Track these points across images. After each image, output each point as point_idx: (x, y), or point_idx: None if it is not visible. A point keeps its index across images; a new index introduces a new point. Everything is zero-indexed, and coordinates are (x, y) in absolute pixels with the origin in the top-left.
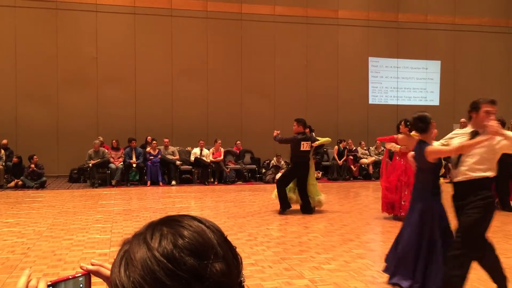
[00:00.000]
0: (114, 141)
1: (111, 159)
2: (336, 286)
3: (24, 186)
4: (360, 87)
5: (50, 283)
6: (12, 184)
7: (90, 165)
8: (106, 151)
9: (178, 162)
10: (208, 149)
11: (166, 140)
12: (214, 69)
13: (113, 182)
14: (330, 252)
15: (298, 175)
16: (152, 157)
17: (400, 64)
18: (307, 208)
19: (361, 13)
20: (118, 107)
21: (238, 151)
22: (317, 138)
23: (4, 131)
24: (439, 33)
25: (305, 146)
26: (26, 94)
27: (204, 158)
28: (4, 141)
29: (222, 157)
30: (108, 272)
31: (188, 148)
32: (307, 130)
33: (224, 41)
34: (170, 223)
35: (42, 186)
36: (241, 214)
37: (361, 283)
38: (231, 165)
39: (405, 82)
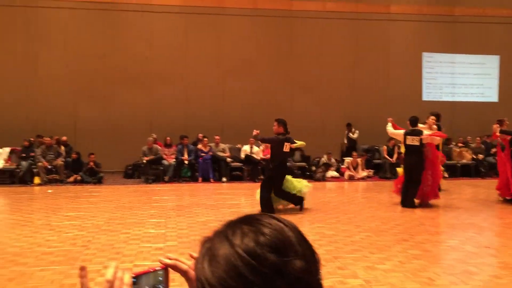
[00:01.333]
0: (167, 138)
1: (164, 156)
2: (392, 286)
3: (82, 181)
4: (413, 83)
5: (133, 275)
6: (72, 179)
7: (144, 161)
8: (159, 148)
9: (228, 159)
10: (259, 147)
11: (217, 137)
12: (263, 66)
13: (166, 178)
14: (384, 252)
15: (286, 174)
16: (204, 154)
17: (455, 59)
18: (297, 200)
19: (414, 7)
20: (170, 105)
21: None
22: (294, 140)
23: (64, 129)
24: (497, 27)
25: (287, 147)
26: (84, 94)
27: (254, 155)
28: (64, 138)
29: None
30: (184, 267)
31: (239, 145)
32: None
33: (273, 39)
34: (250, 222)
35: (99, 181)
36: (291, 211)
37: (417, 284)
38: None
39: (461, 77)
